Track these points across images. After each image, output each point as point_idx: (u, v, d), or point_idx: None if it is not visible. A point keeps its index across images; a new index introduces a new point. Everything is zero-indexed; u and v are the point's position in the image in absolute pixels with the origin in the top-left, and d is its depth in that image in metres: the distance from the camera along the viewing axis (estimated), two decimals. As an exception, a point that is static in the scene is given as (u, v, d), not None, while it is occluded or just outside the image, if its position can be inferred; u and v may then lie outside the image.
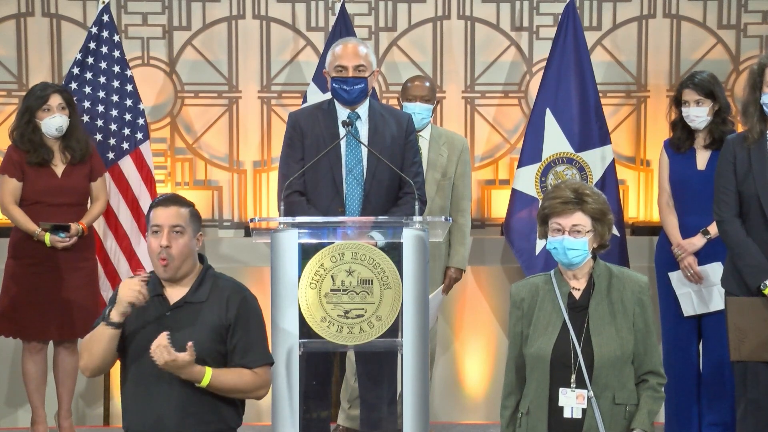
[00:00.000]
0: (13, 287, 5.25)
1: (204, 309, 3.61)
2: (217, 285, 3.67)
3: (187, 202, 3.70)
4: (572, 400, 3.59)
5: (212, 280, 3.68)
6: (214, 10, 6.24)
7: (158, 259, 3.60)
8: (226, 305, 3.62)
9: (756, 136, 4.22)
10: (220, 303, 3.63)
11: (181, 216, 3.62)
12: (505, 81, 6.29)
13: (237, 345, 3.62)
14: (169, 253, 3.58)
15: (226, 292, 3.65)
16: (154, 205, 3.66)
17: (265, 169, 6.24)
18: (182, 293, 3.64)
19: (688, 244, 5.12)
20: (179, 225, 3.61)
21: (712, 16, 6.25)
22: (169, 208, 3.62)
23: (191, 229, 3.64)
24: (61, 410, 5.37)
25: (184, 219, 3.62)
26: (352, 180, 4.56)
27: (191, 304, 3.62)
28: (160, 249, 3.58)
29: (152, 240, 3.61)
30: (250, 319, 3.65)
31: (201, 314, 3.60)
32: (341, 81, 4.55)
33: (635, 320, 3.65)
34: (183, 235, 3.61)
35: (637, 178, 6.29)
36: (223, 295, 3.64)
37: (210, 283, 3.66)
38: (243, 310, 3.64)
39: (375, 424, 4.54)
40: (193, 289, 3.65)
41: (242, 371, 3.61)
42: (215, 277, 3.70)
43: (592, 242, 3.67)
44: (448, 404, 6.14)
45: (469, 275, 5.91)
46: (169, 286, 3.65)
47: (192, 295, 3.63)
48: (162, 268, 3.60)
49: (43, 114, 5.22)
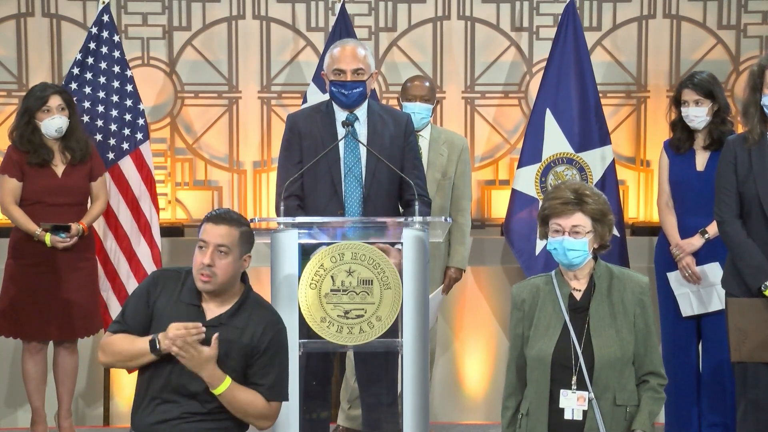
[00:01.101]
0: (13, 287, 5.25)
1: (238, 333, 3.58)
2: (256, 312, 3.63)
3: (242, 221, 3.64)
4: (573, 401, 3.59)
5: (252, 307, 3.64)
6: (214, 11, 6.24)
7: (199, 274, 3.57)
8: (261, 333, 3.58)
9: (756, 137, 4.22)
10: (255, 329, 3.58)
11: (230, 236, 3.57)
12: (505, 81, 6.29)
13: (258, 372, 3.58)
14: (213, 271, 3.55)
15: (263, 322, 3.61)
16: (207, 219, 3.62)
17: (265, 170, 6.25)
18: (220, 311, 3.60)
19: (687, 245, 5.12)
20: (225, 246, 3.56)
21: (712, 17, 6.25)
22: (219, 227, 3.57)
23: (239, 250, 3.59)
24: (61, 410, 5.37)
25: (232, 240, 3.57)
26: (351, 181, 4.55)
27: (227, 326, 3.58)
28: (203, 266, 3.56)
29: (197, 254, 3.58)
30: (278, 352, 3.62)
31: (235, 336, 3.56)
32: (339, 85, 4.51)
33: (636, 321, 3.65)
34: (228, 256, 3.56)
35: (637, 178, 6.29)
36: (260, 323, 3.60)
37: (249, 309, 3.63)
38: (275, 342, 3.60)
39: (375, 424, 4.53)
40: (232, 311, 3.60)
41: (257, 396, 3.58)
42: (256, 303, 3.66)
43: (593, 243, 3.67)
44: (448, 404, 6.14)
45: (469, 275, 5.91)
46: (207, 299, 3.62)
47: (230, 318, 3.59)
48: (202, 282, 3.57)
49: (42, 115, 5.22)
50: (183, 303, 3.61)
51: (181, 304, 3.61)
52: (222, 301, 3.62)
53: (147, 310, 3.63)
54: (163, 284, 3.65)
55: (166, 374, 3.57)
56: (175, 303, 3.61)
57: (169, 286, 3.65)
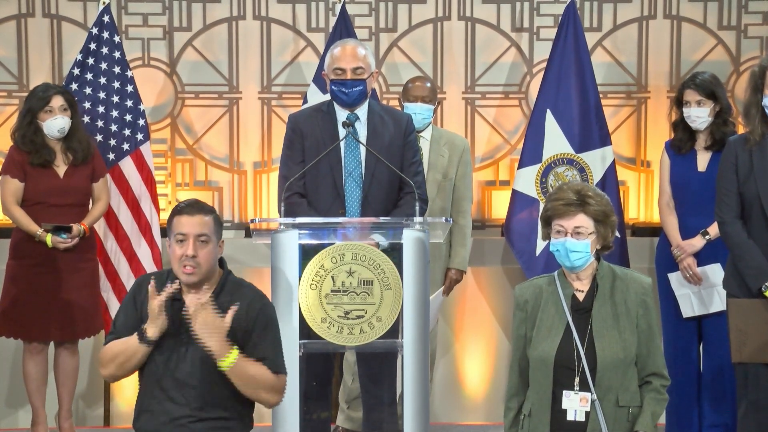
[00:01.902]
0: (14, 288, 5.25)
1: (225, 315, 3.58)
2: (239, 291, 3.64)
3: (210, 208, 3.67)
4: (575, 402, 3.59)
5: (233, 286, 3.65)
6: (215, 11, 6.24)
7: (182, 267, 3.57)
8: (246, 311, 3.58)
9: (757, 138, 4.22)
10: (240, 309, 3.57)
11: (206, 224, 3.59)
12: (506, 82, 6.29)
13: (255, 347, 3.57)
14: (197, 262, 3.56)
15: (247, 299, 3.61)
16: (178, 212, 3.63)
17: (266, 170, 6.24)
18: (203, 299, 3.59)
19: (688, 245, 5.12)
20: (205, 234, 3.58)
21: (713, 17, 6.25)
22: (195, 217, 3.59)
23: (215, 237, 3.62)
24: (62, 411, 5.37)
25: (209, 227, 3.59)
26: (351, 181, 4.56)
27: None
28: (185, 257, 3.56)
29: (177, 248, 3.58)
30: (269, 324, 3.62)
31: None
32: (340, 84, 4.53)
33: (638, 322, 3.65)
34: (208, 244, 3.58)
35: (638, 179, 6.29)
36: (244, 302, 3.59)
37: (231, 290, 3.64)
38: (263, 316, 3.61)
39: (375, 424, 4.54)
40: (215, 295, 3.61)
41: (264, 368, 3.56)
42: (236, 284, 3.67)
43: (595, 244, 3.67)
44: (448, 405, 6.14)
45: (469, 276, 5.91)
46: (188, 291, 3.63)
47: (214, 301, 3.58)
48: (186, 275, 3.58)
49: (44, 115, 5.22)
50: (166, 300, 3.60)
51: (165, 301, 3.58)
52: (204, 290, 3.63)
53: (136, 314, 3.63)
54: (146, 288, 3.64)
55: (168, 372, 3.57)
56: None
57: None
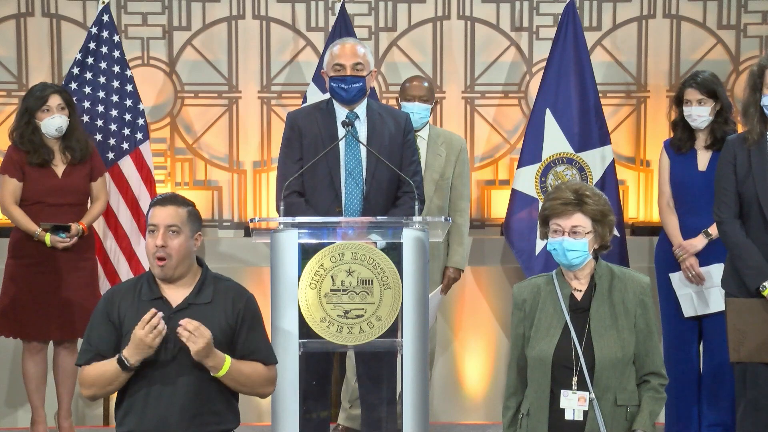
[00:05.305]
0: (13, 287, 5.25)
1: (209, 310, 3.60)
2: (220, 286, 3.67)
3: (186, 201, 3.69)
4: (574, 402, 3.59)
5: (214, 282, 3.67)
6: (214, 10, 6.24)
7: (154, 258, 3.59)
8: (231, 306, 3.62)
9: (756, 138, 4.22)
10: (225, 304, 3.62)
11: (178, 216, 3.61)
12: (505, 81, 6.29)
13: (246, 342, 3.62)
14: (167, 252, 3.57)
15: (230, 294, 3.65)
16: (152, 205, 3.67)
17: (265, 170, 6.25)
18: (183, 295, 3.62)
19: (690, 245, 5.11)
20: (175, 225, 3.60)
21: (712, 17, 6.25)
22: (167, 208, 3.62)
23: (189, 229, 3.63)
24: (61, 410, 5.37)
25: (180, 219, 3.61)
26: (351, 180, 4.56)
27: (196, 305, 3.60)
28: (156, 248, 3.58)
29: (149, 239, 3.61)
30: (255, 317, 3.66)
31: (206, 316, 3.57)
32: (339, 80, 4.55)
33: (637, 321, 3.65)
34: (179, 235, 3.60)
35: (637, 178, 6.29)
36: (227, 297, 3.64)
37: (212, 285, 3.66)
38: (248, 310, 3.65)
39: (375, 424, 4.53)
40: (196, 290, 3.63)
41: (256, 364, 3.63)
42: (216, 278, 3.70)
43: (593, 243, 3.67)
44: (447, 404, 6.14)
45: (468, 275, 5.91)
46: (167, 288, 3.64)
47: (195, 296, 3.62)
48: (158, 267, 3.59)
49: (42, 114, 5.22)
50: (145, 301, 3.61)
51: (144, 303, 3.60)
52: (183, 286, 3.64)
53: (110, 328, 3.61)
54: (119, 298, 3.65)
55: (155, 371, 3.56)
56: (138, 306, 3.60)
57: (126, 297, 3.65)
